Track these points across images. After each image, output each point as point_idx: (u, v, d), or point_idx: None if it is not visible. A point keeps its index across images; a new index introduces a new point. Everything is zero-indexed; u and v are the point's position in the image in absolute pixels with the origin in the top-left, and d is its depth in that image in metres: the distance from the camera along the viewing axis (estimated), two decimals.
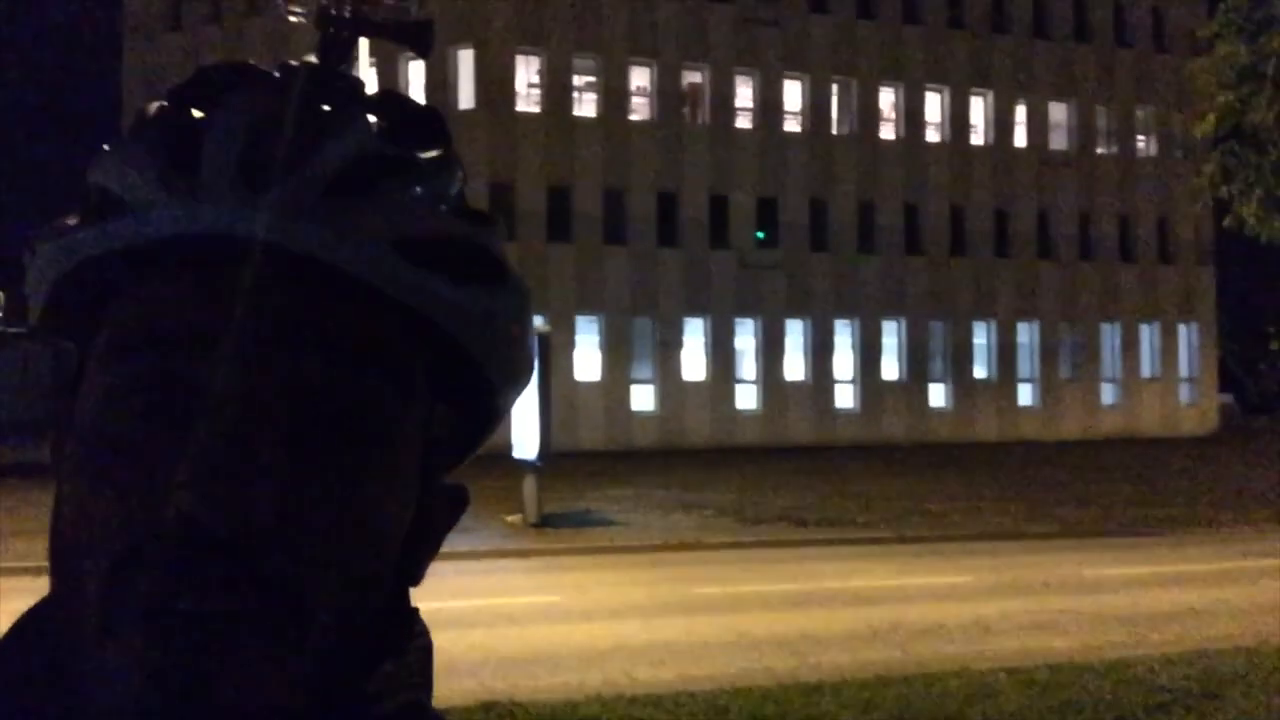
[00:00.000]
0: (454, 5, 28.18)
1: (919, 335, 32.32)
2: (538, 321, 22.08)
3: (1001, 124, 33.75)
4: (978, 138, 33.66)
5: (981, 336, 33.27)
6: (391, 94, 0.56)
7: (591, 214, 28.80)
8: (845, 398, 31.59)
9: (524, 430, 13.80)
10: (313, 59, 0.56)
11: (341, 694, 0.49)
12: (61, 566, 0.49)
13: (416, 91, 28.73)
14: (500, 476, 13.74)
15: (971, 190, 33.04)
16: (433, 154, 0.54)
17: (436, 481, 0.56)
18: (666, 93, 30.08)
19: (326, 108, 0.52)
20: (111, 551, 0.46)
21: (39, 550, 0.59)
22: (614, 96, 29.56)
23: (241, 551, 0.45)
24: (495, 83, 28.32)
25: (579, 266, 28.42)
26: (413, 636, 0.55)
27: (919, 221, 32.45)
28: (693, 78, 30.56)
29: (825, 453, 26.73)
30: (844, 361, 31.68)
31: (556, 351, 21.54)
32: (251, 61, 0.56)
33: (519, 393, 0.60)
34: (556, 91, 29.00)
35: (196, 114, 0.52)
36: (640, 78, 30.07)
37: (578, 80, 29.38)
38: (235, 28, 29.95)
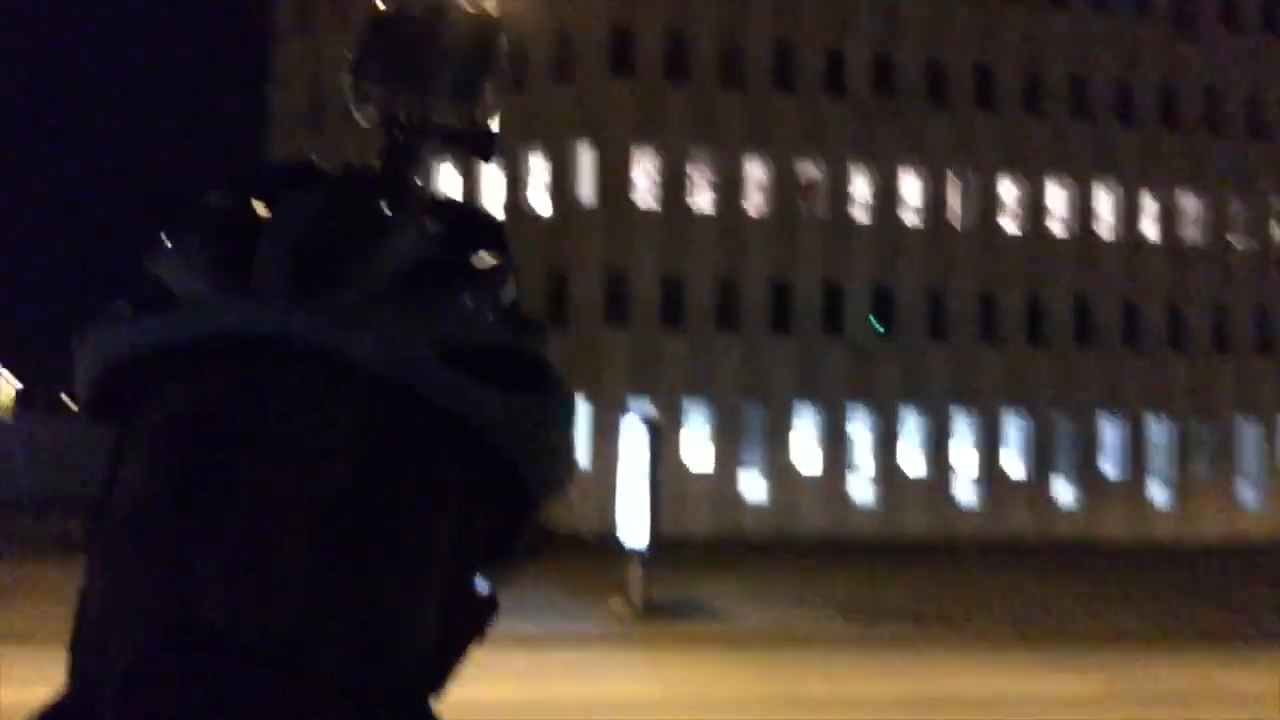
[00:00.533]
0: (575, 103, 29.09)
1: (1043, 428, 31.25)
2: (648, 407, 22.20)
3: (1129, 215, 32.89)
4: (1104, 229, 32.85)
5: (1110, 432, 31.99)
6: (451, 201, 0.56)
7: (705, 302, 28.94)
8: (965, 492, 30.62)
9: (631, 516, 13.70)
10: (376, 162, 0.56)
11: None
12: (81, 662, 0.49)
13: (538, 187, 29.60)
14: (606, 563, 13.63)
15: (1099, 281, 32.13)
16: (490, 261, 0.55)
17: (468, 590, 0.55)
18: (782, 184, 30.27)
19: (385, 212, 0.53)
20: (132, 649, 0.46)
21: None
22: (729, 189, 29.88)
23: (256, 657, 0.45)
24: (613, 177, 28.95)
25: (691, 353, 28.48)
26: None
27: (1042, 312, 31.65)
28: (809, 169, 30.72)
29: (944, 549, 25.83)
30: (964, 454, 30.79)
31: (666, 438, 21.49)
32: (314, 160, 0.56)
33: (557, 500, 0.59)
34: (673, 185, 29.47)
35: (255, 209, 0.52)
36: (756, 170, 30.37)
37: (694, 173, 29.83)
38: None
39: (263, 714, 0.44)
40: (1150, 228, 33.13)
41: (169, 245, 0.52)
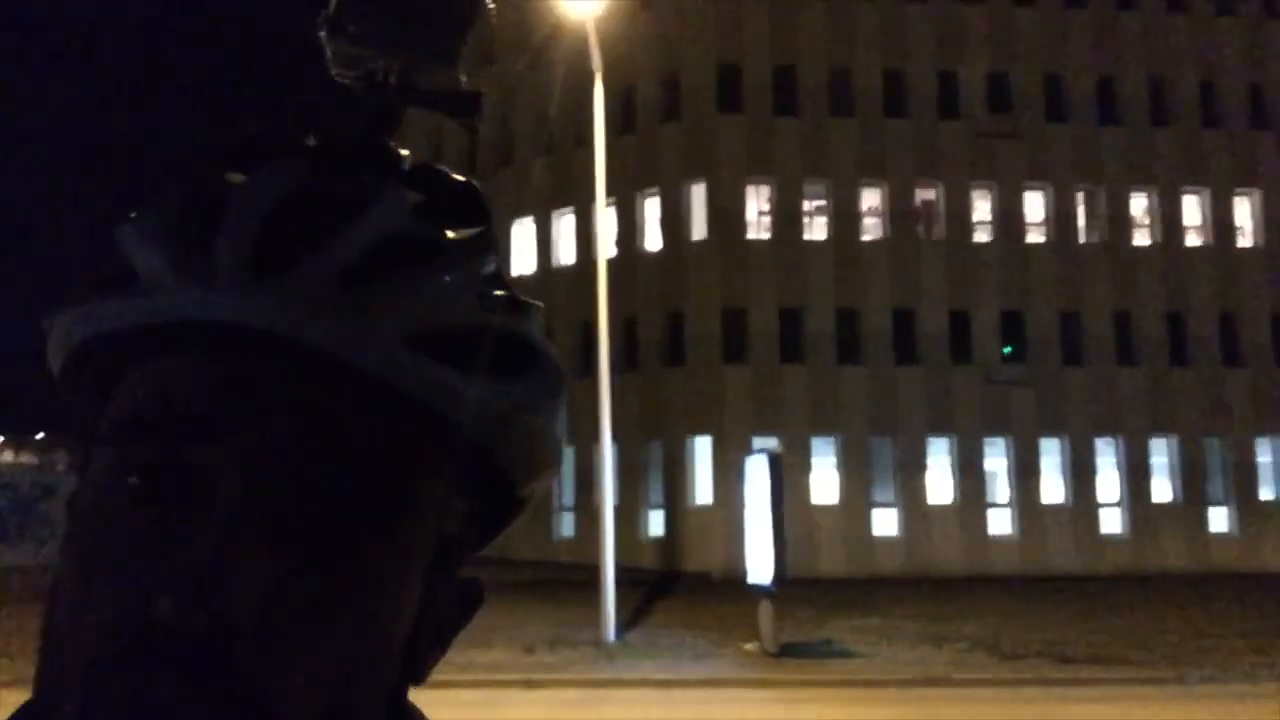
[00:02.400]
0: (687, 141, 29.25)
1: (1193, 453, 29.71)
2: (771, 443, 21.83)
3: (1271, 224, 31.24)
4: (1244, 239, 31.27)
5: (1266, 454, 30.21)
6: (430, 168, 0.55)
7: (824, 334, 28.57)
8: (1111, 522, 29.27)
9: (758, 555, 13.50)
10: (356, 128, 0.54)
11: None
12: (49, 661, 0.48)
13: (651, 225, 29.82)
14: (737, 603, 13.43)
15: (1241, 296, 30.55)
16: (468, 233, 0.53)
17: (449, 577, 0.54)
18: (899, 211, 29.78)
19: (362, 181, 0.51)
20: (92, 651, 0.45)
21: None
22: (844, 218, 29.54)
23: (218, 654, 0.44)
24: (726, 212, 28.95)
25: (812, 388, 28.08)
26: None
27: (1184, 331, 30.22)
28: (926, 194, 30.16)
29: (1090, 582, 24.68)
30: (1108, 483, 29.47)
31: (793, 476, 21.17)
32: (290, 127, 0.54)
33: (546, 483, 0.57)
34: (786, 218, 29.30)
35: (225, 181, 0.51)
36: (871, 198, 29.97)
37: (807, 205, 29.61)
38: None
39: (217, 704, 0.43)
40: None
41: (133, 224, 0.51)
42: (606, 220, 27.43)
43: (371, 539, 0.47)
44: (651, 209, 29.72)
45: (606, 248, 18.85)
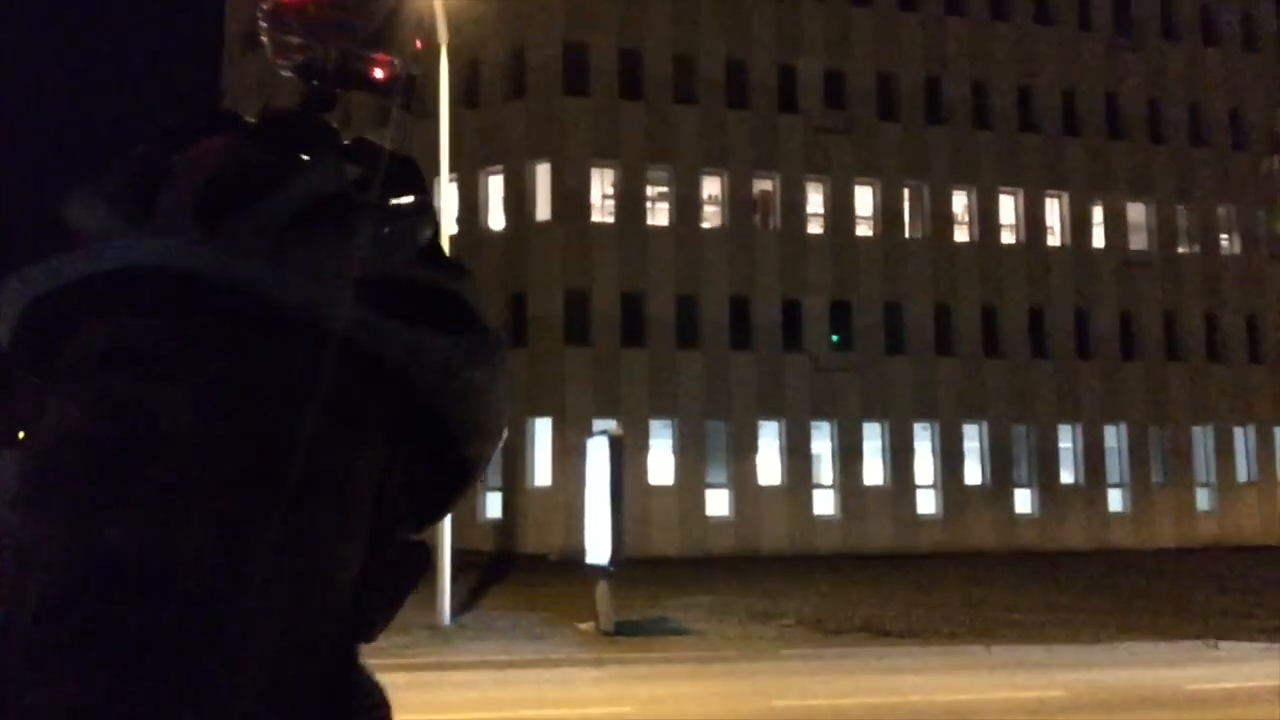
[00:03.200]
0: (532, 121, 29.12)
1: (1001, 439, 31.62)
2: (611, 424, 22.00)
3: (1078, 225, 33.47)
4: (1054, 239, 33.39)
5: (1067, 440, 32.44)
6: (366, 142, 0.56)
7: (665, 319, 29.03)
8: (927, 503, 30.89)
9: (596, 535, 13.70)
10: (293, 108, 0.56)
11: None
12: None
13: (495, 204, 29.60)
14: (573, 583, 13.61)
15: (1050, 292, 32.64)
16: (405, 200, 0.54)
17: (397, 537, 0.54)
18: (738, 200, 30.49)
19: (299, 154, 0.52)
20: (47, 581, 0.45)
21: None
22: (686, 205, 30.04)
23: (170, 593, 0.44)
24: (571, 194, 29.00)
25: (652, 371, 28.54)
26: (364, 704, 0.53)
27: (997, 323, 32.07)
28: (764, 185, 30.98)
29: (907, 560, 26.03)
30: (924, 466, 31.07)
31: (631, 458, 21.48)
32: (232, 109, 0.56)
33: (492, 447, 0.58)
34: (630, 202, 29.58)
35: (167, 155, 0.52)
36: (712, 186, 30.57)
37: (651, 190, 29.96)
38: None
39: (166, 653, 0.44)
40: (1099, 237, 33.74)
41: (78, 187, 0.53)
42: (449, 197, 27.07)
43: (317, 484, 0.49)
44: (495, 187, 29.47)
45: (448, 225, 18.60)
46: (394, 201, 0.54)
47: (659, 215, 30.06)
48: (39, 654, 0.45)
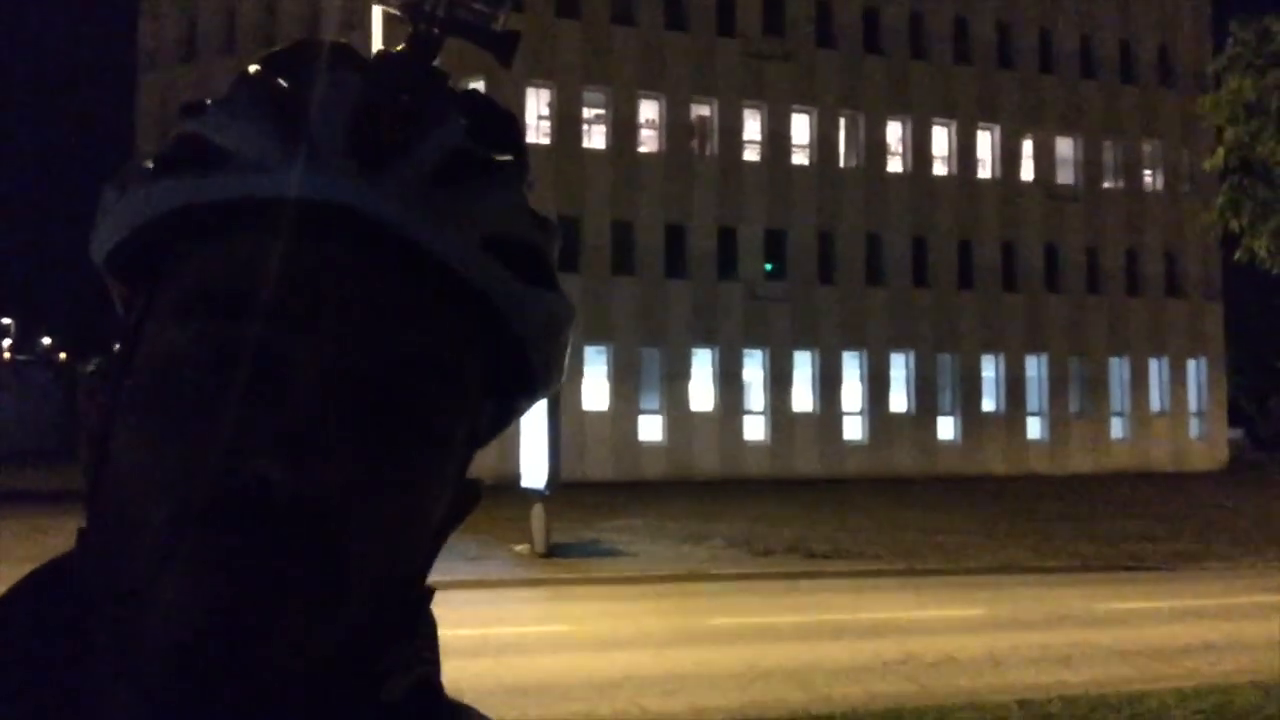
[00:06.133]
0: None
1: (927, 368, 32.31)
2: None
3: (1008, 158, 33.91)
4: (984, 171, 33.82)
5: (990, 370, 33.26)
6: (476, 94, 0.57)
7: (600, 245, 28.93)
8: (853, 430, 31.55)
9: (532, 460, 13.79)
10: (404, 51, 0.56)
11: (362, 668, 0.51)
12: (107, 520, 0.49)
13: None
14: (508, 506, 13.72)
15: (979, 224, 33.15)
16: (509, 157, 0.55)
17: (463, 476, 0.57)
18: (675, 125, 30.29)
19: (417, 99, 0.53)
20: (175, 504, 0.46)
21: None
22: (623, 129, 29.77)
23: (304, 520, 0.46)
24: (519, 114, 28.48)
25: (587, 297, 28.50)
26: (426, 634, 0.56)
27: (926, 255, 32.54)
28: (701, 110, 30.78)
29: (833, 485, 26.64)
30: (852, 393, 31.66)
31: (566, 383, 21.52)
32: (347, 43, 0.56)
33: (553, 390, 0.61)
34: (566, 124, 29.21)
35: (297, 81, 0.52)
36: (649, 110, 30.29)
37: (587, 113, 29.60)
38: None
39: (295, 573, 0.46)
40: (1027, 170, 34.25)
41: (223, 107, 0.52)
42: None
43: (435, 431, 0.51)
44: None
45: None
46: (501, 158, 0.54)
47: (595, 138, 29.76)
48: (178, 559, 0.46)
